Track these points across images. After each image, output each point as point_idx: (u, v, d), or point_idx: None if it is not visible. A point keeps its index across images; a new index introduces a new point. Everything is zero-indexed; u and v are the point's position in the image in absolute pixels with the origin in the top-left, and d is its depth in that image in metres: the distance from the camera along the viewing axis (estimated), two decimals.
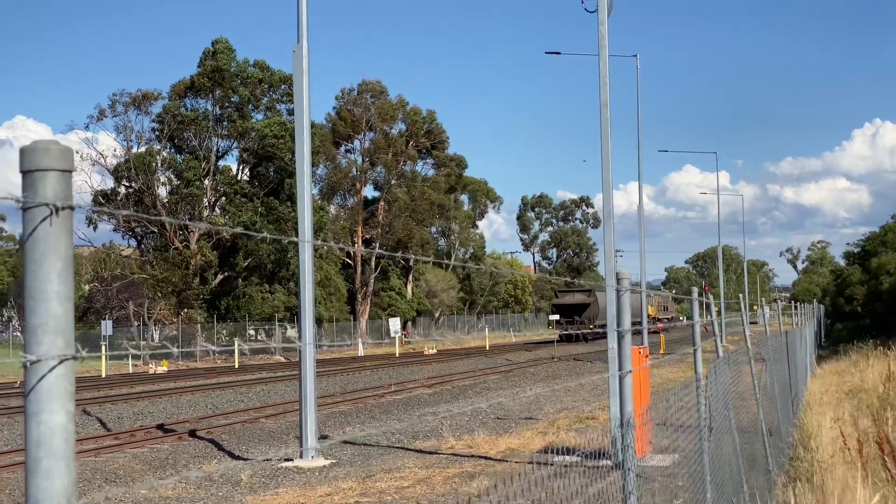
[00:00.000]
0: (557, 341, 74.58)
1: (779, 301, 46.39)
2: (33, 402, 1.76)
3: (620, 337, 5.77)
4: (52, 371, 1.75)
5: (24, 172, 1.77)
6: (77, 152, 68.79)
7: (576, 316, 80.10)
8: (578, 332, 77.57)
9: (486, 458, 18.49)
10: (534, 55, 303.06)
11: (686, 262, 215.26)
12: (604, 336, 76.83)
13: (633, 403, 5.68)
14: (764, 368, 16.10)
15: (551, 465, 14.78)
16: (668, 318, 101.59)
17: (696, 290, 10.34)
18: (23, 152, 1.78)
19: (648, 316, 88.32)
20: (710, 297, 15.68)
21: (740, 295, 20.45)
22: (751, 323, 16.75)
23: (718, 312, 18.53)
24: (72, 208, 1.78)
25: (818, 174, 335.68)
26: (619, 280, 5.84)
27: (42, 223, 1.75)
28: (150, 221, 67.55)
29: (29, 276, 1.77)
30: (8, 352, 73.21)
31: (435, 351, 69.29)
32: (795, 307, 36.92)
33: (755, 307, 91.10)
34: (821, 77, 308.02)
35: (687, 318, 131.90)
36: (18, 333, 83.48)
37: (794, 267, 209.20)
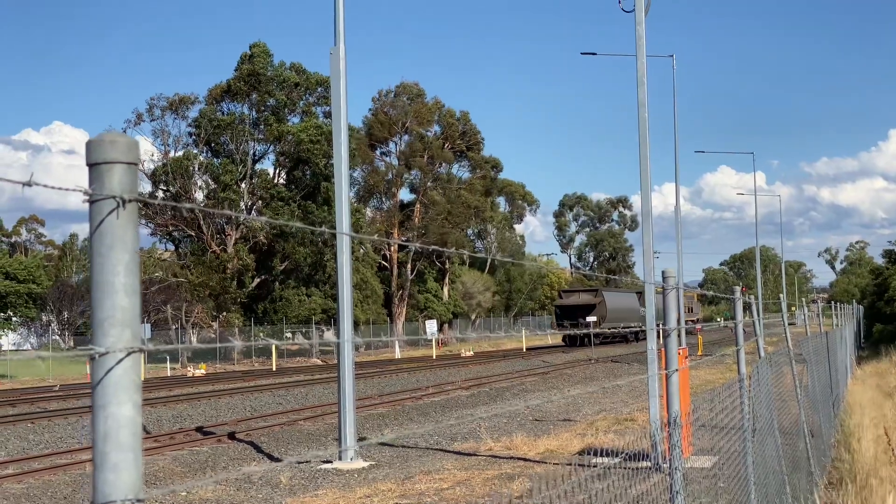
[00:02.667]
0: (560, 346, 71.22)
1: (818, 302, 46.02)
2: (101, 394, 1.76)
3: (667, 335, 5.73)
4: (120, 363, 1.75)
5: (91, 165, 1.78)
6: None
7: (581, 318, 74.05)
8: (586, 332, 73.02)
9: (524, 459, 18.44)
10: (569, 56, 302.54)
11: (722, 263, 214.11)
12: (613, 341, 74.75)
13: (679, 403, 5.64)
14: (805, 369, 15.97)
15: (591, 466, 14.72)
16: (693, 320, 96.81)
17: (737, 289, 10.26)
18: (89, 145, 1.79)
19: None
20: (752, 297, 15.45)
21: (780, 296, 20.30)
22: (789, 324, 16.60)
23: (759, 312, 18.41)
24: (138, 201, 1.78)
25: (854, 174, 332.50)
26: (665, 278, 5.80)
27: (109, 216, 1.76)
28: (207, 214, 67.86)
29: (96, 269, 1.77)
30: (47, 355, 73.79)
31: (472, 353, 69.22)
32: (834, 308, 36.61)
33: (794, 308, 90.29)
34: (856, 76, 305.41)
35: (725, 320, 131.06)
36: (57, 337, 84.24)
37: (833, 268, 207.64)
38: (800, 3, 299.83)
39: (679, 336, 36.03)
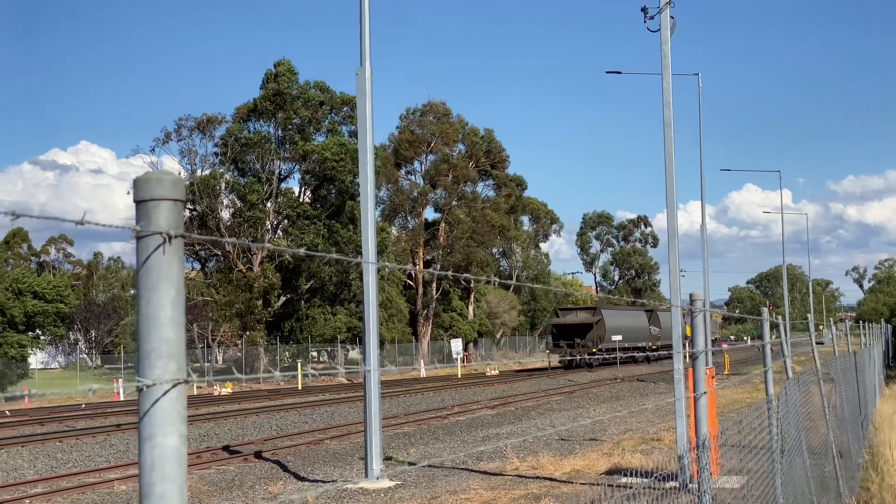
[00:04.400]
0: (556, 368, 67.45)
1: (846, 321, 45.73)
2: (147, 425, 1.80)
3: (695, 358, 5.74)
4: (166, 395, 1.79)
5: (138, 202, 1.83)
6: None
7: (577, 338, 70.22)
8: (583, 356, 66.46)
9: (551, 479, 18.40)
10: (594, 74, 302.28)
11: (749, 281, 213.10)
12: (614, 362, 70.70)
13: (707, 425, 5.65)
14: (833, 389, 15.90)
15: (619, 487, 14.69)
16: (711, 340, 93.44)
17: (765, 310, 10.25)
18: (137, 183, 1.84)
19: (687, 337, 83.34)
20: (779, 317, 15.36)
21: (808, 315, 20.22)
22: (817, 343, 16.54)
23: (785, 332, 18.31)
24: (183, 237, 1.83)
25: (881, 192, 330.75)
26: (692, 301, 5.82)
27: (155, 251, 1.81)
28: (243, 245, 68.08)
29: (142, 303, 1.82)
30: (75, 374, 74.26)
31: (497, 372, 69.06)
32: (862, 327, 36.37)
33: (821, 327, 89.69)
34: (882, 94, 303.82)
35: (751, 338, 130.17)
36: (84, 355, 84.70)
37: (861, 286, 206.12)
38: (826, 20, 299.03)
39: (707, 356, 35.96)
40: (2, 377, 57.18)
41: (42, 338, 66.28)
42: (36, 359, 69.86)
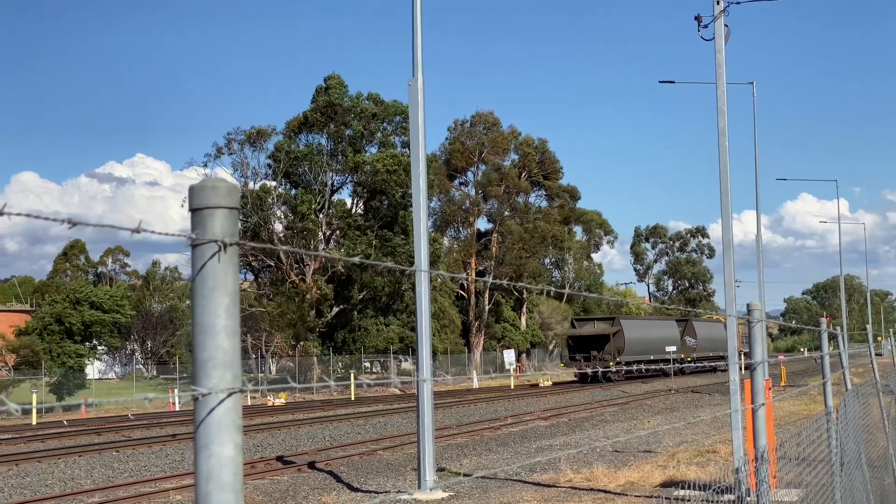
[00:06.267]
0: (572, 383, 63.71)
1: None
2: (203, 434, 1.79)
3: (753, 369, 5.66)
4: (222, 404, 1.78)
5: (194, 210, 1.82)
6: None
7: (594, 350, 66.65)
8: (597, 370, 64.91)
9: (605, 491, 18.26)
10: (648, 83, 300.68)
11: (805, 292, 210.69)
12: (639, 376, 65.57)
13: (766, 437, 5.56)
14: (892, 401, 15.66)
15: (675, 500, 14.55)
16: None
17: (823, 321, 10.11)
18: (192, 190, 1.83)
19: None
20: (837, 328, 15.11)
21: (866, 326, 19.93)
22: (876, 354, 16.30)
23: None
24: (238, 244, 1.82)
25: None
26: (750, 311, 5.74)
27: (211, 259, 1.80)
28: (299, 255, 68.53)
29: (198, 311, 1.81)
30: (131, 384, 75.04)
31: (550, 383, 68.74)
32: None
33: (880, 338, 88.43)
34: None
35: (808, 350, 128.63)
36: (140, 366, 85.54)
37: None
38: (880, 26, 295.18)
39: (763, 367, 35.56)
40: (60, 387, 57.92)
41: (99, 348, 67.05)
42: (93, 369, 70.70)
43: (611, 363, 64.09)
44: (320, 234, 73.78)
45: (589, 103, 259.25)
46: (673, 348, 70.79)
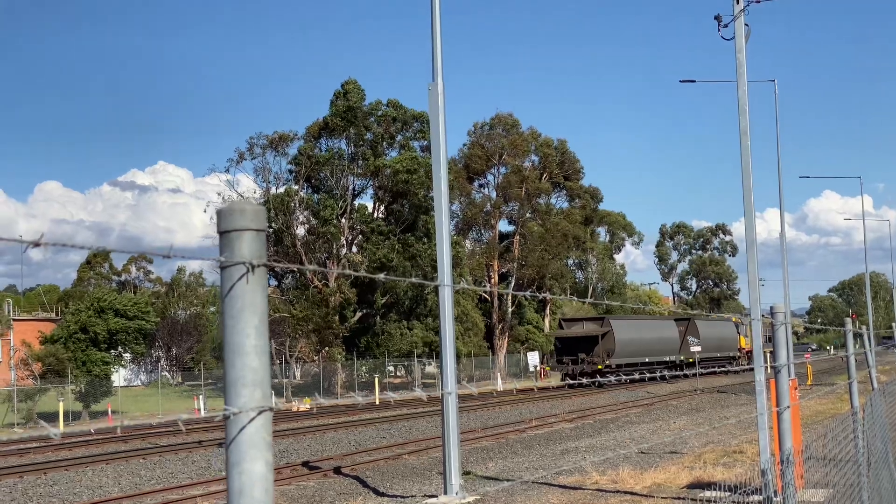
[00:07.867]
0: (559, 388, 59.75)
1: None
2: (234, 452, 1.83)
3: (777, 371, 5.66)
4: (252, 422, 1.82)
5: (222, 233, 1.86)
6: (218, 194, 70.91)
7: (582, 353, 63.65)
8: (584, 373, 59.77)
9: (631, 493, 18.24)
10: (668, 83, 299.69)
11: (830, 289, 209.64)
12: (630, 380, 60.83)
13: (792, 439, 5.56)
14: None
15: (700, 501, 14.52)
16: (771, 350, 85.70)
17: (848, 320, 10.08)
18: (220, 214, 1.87)
19: (741, 348, 79.80)
20: (863, 327, 15.00)
21: (893, 324, 19.82)
22: None
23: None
24: (266, 266, 1.85)
25: None
26: (773, 314, 5.73)
27: (239, 280, 1.83)
28: (322, 272, 68.73)
29: (227, 331, 1.85)
30: (157, 391, 75.32)
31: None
32: None
33: None
34: None
35: (834, 348, 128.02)
36: (166, 373, 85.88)
37: None
38: None
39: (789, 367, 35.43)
40: (86, 395, 58.20)
41: (125, 355, 67.34)
42: (119, 376, 71.01)
43: (599, 366, 62.12)
44: (343, 238, 73.90)
45: (609, 104, 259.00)
46: (673, 350, 69.36)
